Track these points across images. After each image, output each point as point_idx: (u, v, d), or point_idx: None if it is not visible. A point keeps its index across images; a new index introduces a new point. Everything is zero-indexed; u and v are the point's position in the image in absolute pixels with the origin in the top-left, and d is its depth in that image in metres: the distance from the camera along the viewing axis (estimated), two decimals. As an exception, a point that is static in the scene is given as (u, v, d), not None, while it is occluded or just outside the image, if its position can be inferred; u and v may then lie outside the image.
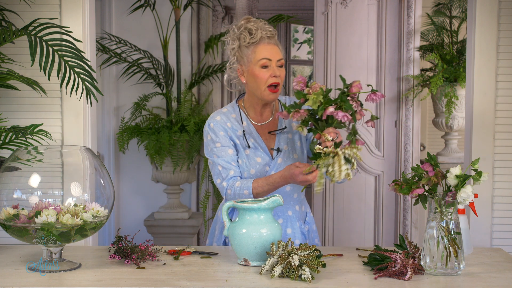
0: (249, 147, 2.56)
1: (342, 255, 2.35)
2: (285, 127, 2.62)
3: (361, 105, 2.35)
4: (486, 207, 3.08)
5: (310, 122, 2.37)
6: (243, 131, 2.58)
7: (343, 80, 2.35)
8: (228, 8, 5.83)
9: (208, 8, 5.27)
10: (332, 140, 2.28)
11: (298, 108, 2.34)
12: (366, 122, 2.42)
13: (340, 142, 2.30)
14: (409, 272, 2.04)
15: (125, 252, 2.23)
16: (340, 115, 2.27)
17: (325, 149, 2.25)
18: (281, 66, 2.54)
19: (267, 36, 2.53)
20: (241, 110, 2.63)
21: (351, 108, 2.29)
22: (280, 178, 2.44)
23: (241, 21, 2.57)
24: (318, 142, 2.36)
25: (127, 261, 2.21)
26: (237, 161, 2.57)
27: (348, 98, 2.32)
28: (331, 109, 2.28)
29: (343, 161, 2.25)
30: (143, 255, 2.23)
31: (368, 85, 2.42)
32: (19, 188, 2.19)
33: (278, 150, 2.59)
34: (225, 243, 2.63)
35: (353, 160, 2.27)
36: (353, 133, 2.35)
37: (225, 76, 2.64)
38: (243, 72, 2.56)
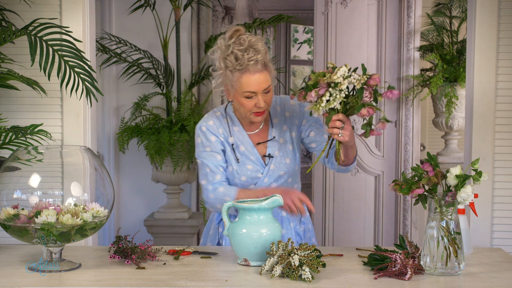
0: (238, 161, 2.56)
1: (342, 255, 2.35)
2: (274, 137, 2.60)
3: (376, 101, 2.28)
4: (486, 207, 3.08)
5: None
6: (232, 144, 2.57)
7: (364, 69, 2.28)
8: (228, 8, 5.84)
9: (208, 8, 5.27)
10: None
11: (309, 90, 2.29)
12: (377, 124, 2.33)
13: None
14: (409, 272, 2.04)
15: (125, 252, 2.23)
16: (321, 91, 2.25)
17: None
18: (267, 92, 2.45)
19: (255, 61, 2.38)
20: (235, 116, 2.60)
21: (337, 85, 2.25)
22: (274, 191, 2.46)
23: (231, 37, 2.42)
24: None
25: (127, 261, 2.21)
26: (225, 166, 2.57)
27: (364, 87, 2.26)
28: (312, 94, 2.26)
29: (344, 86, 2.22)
30: (143, 255, 2.23)
31: (385, 82, 2.36)
32: (19, 188, 2.19)
33: (270, 156, 2.58)
34: (218, 244, 2.63)
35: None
36: (369, 123, 2.32)
37: (213, 83, 2.56)
38: (229, 92, 2.50)
